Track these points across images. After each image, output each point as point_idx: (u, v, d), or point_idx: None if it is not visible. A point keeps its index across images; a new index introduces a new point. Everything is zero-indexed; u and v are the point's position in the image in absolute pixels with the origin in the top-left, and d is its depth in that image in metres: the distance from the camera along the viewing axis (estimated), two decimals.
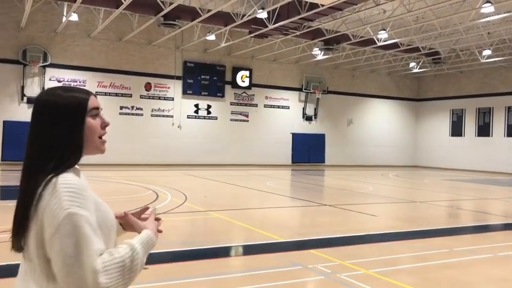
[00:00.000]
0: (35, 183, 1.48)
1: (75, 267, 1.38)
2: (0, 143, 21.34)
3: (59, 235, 1.40)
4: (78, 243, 1.39)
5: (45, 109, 1.57)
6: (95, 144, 1.62)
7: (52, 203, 1.42)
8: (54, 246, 1.41)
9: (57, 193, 1.43)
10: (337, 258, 6.36)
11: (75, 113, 1.57)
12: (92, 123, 1.60)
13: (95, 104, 1.62)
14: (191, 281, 5.34)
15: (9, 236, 1.58)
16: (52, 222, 1.41)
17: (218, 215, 9.80)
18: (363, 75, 31.39)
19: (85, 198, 1.46)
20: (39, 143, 1.54)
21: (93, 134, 1.61)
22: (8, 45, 21.44)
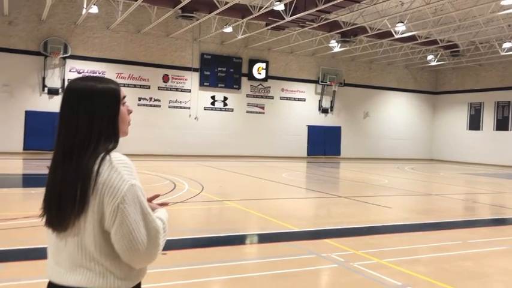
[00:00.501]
0: (88, 163, 1.61)
1: (142, 230, 1.58)
2: (23, 132, 21.82)
3: (125, 204, 1.57)
4: (142, 209, 1.60)
5: (85, 97, 1.68)
6: (123, 129, 1.79)
7: (113, 176, 1.59)
8: (118, 216, 1.57)
9: (115, 168, 1.60)
10: (351, 247, 6.49)
11: (114, 101, 1.73)
12: (124, 111, 1.79)
13: (124, 93, 1.81)
14: (208, 266, 5.53)
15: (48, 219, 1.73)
16: (116, 194, 1.57)
17: (234, 204, 9.99)
18: (379, 68, 31.21)
19: (135, 173, 1.64)
20: (82, 130, 1.65)
21: (124, 121, 1.79)
22: (30, 37, 21.87)
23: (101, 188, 1.59)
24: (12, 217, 7.67)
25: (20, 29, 21.74)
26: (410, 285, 4.98)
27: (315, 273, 5.54)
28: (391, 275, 5.28)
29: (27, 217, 7.60)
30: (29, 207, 8.94)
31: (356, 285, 5.04)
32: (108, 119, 1.70)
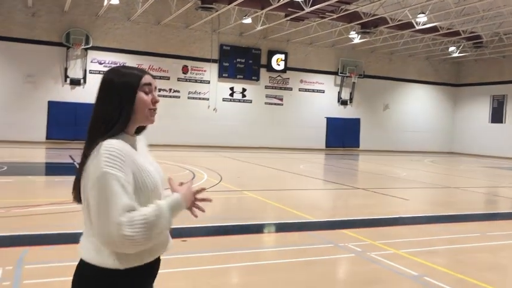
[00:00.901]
0: (89, 147, 1.77)
1: (103, 217, 1.65)
2: (46, 122, 22.27)
3: (95, 188, 1.68)
4: (108, 198, 1.64)
5: (104, 84, 1.86)
6: (144, 114, 1.84)
7: (94, 162, 1.71)
8: (91, 197, 1.70)
9: (99, 155, 1.70)
10: (368, 238, 6.52)
11: (126, 88, 1.81)
12: (143, 97, 1.83)
13: (148, 80, 1.86)
14: (226, 253, 5.64)
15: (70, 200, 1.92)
16: (91, 177, 1.70)
17: (252, 194, 10.09)
18: (400, 60, 30.84)
19: (121, 161, 1.69)
20: (95, 114, 1.83)
21: (142, 107, 1.83)
22: (53, 28, 22.24)
23: (87, 169, 1.74)
24: (37, 204, 7.91)
25: (43, 21, 22.11)
26: (427, 276, 5.00)
27: (332, 262, 5.60)
28: (408, 266, 5.30)
29: (51, 204, 7.83)
30: (52, 195, 9.20)
31: (373, 275, 5.09)
32: (118, 103, 1.80)
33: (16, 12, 21.65)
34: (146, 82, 1.85)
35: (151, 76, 1.91)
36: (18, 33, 21.67)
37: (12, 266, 4.65)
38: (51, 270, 4.64)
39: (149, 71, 1.94)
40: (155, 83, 1.91)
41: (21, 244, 5.52)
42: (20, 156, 15.66)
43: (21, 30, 21.72)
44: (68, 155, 16.74)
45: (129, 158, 1.74)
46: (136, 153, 1.83)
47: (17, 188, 9.77)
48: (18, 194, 9.04)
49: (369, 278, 5.00)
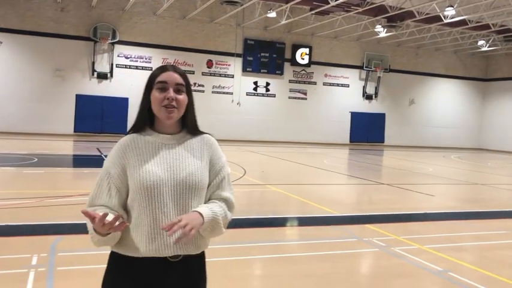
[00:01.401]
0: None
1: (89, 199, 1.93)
2: (73, 115, 22.77)
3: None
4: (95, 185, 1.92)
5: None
6: (157, 111, 1.88)
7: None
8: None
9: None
10: (393, 233, 6.51)
11: (146, 86, 1.92)
12: (155, 94, 1.87)
13: (163, 78, 1.87)
14: (250, 245, 5.72)
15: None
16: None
17: (276, 188, 10.16)
18: (427, 54, 30.32)
19: (116, 154, 1.88)
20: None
21: (155, 105, 1.87)
22: (81, 23, 22.67)
23: None
24: (67, 194, 8.15)
25: (71, 16, 22.56)
26: (452, 271, 4.99)
27: (356, 256, 5.63)
28: (432, 261, 5.29)
29: (81, 195, 8.07)
30: (82, 186, 9.46)
31: (397, 269, 5.10)
32: (141, 103, 1.93)
33: (45, 7, 22.15)
34: (161, 80, 1.87)
35: (179, 73, 1.91)
36: (47, 28, 22.17)
37: (47, 253, 4.84)
38: (83, 258, 4.81)
39: (178, 68, 1.95)
40: (176, 80, 1.88)
41: (54, 233, 5.72)
42: (49, 149, 16.08)
43: (50, 25, 22.22)
44: (96, 148, 17.12)
45: (128, 154, 1.86)
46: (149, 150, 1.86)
47: (47, 179, 10.07)
48: (49, 185, 9.33)
49: (392, 272, 5.02)
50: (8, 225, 5.96)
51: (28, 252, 4.85)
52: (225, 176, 1.99)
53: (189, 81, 1.96)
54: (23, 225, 6.03)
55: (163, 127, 1.91)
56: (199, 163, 1.90)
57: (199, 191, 1.87)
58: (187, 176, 1.84)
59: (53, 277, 4.22)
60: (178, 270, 1.84)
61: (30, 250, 4.92)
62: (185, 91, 1.92)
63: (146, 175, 1.81)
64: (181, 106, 1.89)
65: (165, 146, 1.89)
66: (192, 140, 1.96)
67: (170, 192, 1.82)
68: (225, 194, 1.96)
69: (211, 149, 1.99)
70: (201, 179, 1.88)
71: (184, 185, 1.84)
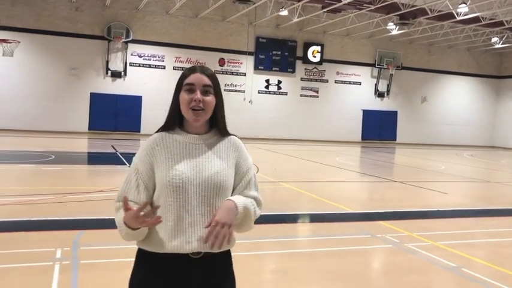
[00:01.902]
0: None
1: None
2: (88, 113, 23.08)
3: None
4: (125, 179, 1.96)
5: None
6: (185, 114, 1.92)
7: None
8: None
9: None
10: (406, 230, 6.59)
11: (176, 87, 1.96)
12: (183, 95, 1.91)
13: (190, 80, 1.90)
14: (265, 241, 5.84)
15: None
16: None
17: (289, 186, 10.26)
18: (439, 51, 30.16)
19: (145, 151, 1.93)
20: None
21: (183, 106, 1.91)
22: (95, 22, 22.97)
23: None
24: (86, 191, 8.35)
25: (86, 15, 22.85)
26: (465, 267, 5.06)
27: (369, 252, 5.72)
28: (445, 257, 5.37)
29: (98, 191, 8.26)
30: (99, 182, 9.66)
31: (410, 265, 5.19)
32: (171, 103, 1.98)
33: (60, 7, 22.46)
34: (189, 82, 1.90)
35: (207, 75, 1.93)
36: (62, 27, 22.50)
37: (69, 247, 5.01)
38: (105, 252, 4.98)
39: (206, 69, 1.95)
40: (203, 82, 1.91)
41: (75, 228, 5.90)
42: (65, 146, 16.35)
43: (65, 24, 22.54)
44: (110, 145, 17.37)
45: (156, 151, 1.90)
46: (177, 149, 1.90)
47: (66, 176, 10.29)
48: (68, 182, 9.54)
49: (406, 267, 5.11)
50: (31, 220, 6.15)
51: (52, 246, 5.03)
52: (252, 176, 2.02)
53: (218, 82, 1.98)
54: (46, 220, 6.22)
55: (192, 127, 1.95)
56: (225, 164, 1.94)
57: (224, 191, 1.91)
58: (212, 176, 1.88)
59: (77, 269, 4.38)
60: (200, 267, 1.86)
61: (54, 244, 5.09)
62: (213, 92, 1.93)
63: (173, 173, 1.85)
64: (208, 108, 1.91)
65: (193, 145, 1.93)
66: (219, 140, 1.98)
67: (195, 190, 1.86)
68: (253, 193, 2.00)
69: (238, 151, 2.01)
70: (225, 179, 1.91)
71: (208, 184, 1.87)
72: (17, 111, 21.77)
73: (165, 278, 1.85)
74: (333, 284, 4.48)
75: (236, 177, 1.98)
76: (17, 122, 21.63)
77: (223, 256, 1.94)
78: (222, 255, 1.93)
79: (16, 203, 7.09)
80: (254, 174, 2.05)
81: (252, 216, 1.97)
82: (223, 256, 1.94)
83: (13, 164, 11.49)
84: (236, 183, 1.98)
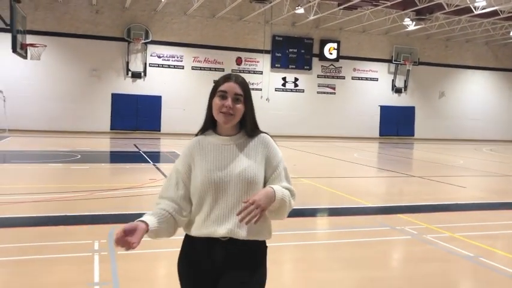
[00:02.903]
0: None
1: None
2: (109, 113, 23.64)
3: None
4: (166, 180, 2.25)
5: None
6: (216, 117, 2.16)
7: None
8: None
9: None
10: (424, 222, 6.79)
11: (210, 94, 2.19)
12: (215, 101, 2.15)
13: (223, 88, 2.14)
14: (287, 233, 6.10)
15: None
16: None
17: (308, 181, 10.51)
18: (457, 45, 29.97)
19: (185, 153, 2.20)
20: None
21: (215, 110, 2.15)
22: (115, 24, 23.48)
23: None
24: (114, 188, 8.73)
25: (106, 17, 23.38)
26: (482, 257, 5.26)
27: (388, 243, 5.95)
28: (463, 247, 5.57)
29: (126, 188, 8.63)
30: (125, 180, 10.05)
31: (428, 254, 5.41)
32: (207, 108, 2.22)
33: (81, 10, 23.02)
34: (222, 89, 2.14)
35: (238, 84, 2.16)
36: (84, 29, 23.07)
37: (105, 239, 5.36)
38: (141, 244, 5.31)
39: (239, 78, 2.18)
40: (235, 91, 2.13)
41: (108, 222, 6.25)
42: (90, 146, 16.84)
43: (86, 26, 23.10)
44: (133, 144, 17.82)
45: (194, 154, 2.17)
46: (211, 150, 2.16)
47: (93, 174, 10.72)
48: (96, 179, 9.96)
49: (424, 256, 5.33)
50: (67, 215, 6.54)
51: (89, 238, 5.39)
52: (282, 170, 2.21)
53: (249, 90, 2.21)
54: (81, 215, 6.61)
55: (223, 130, 2.19)
56: (252, 160, 2.15)
57: (253, 185, 2.11)
58: (241, 172, 2.11)
59: (115, 260, 4.72)
60: (225, 252, 2.09)
61: (91, 237, 5.45)
62: (243, 101, 2.16)
63: (206, 172, 2.12)
64: (237, 114, 2.13)
65: (224, 146, 2.17)
66: (247, 141, 2.20)
67: (226, 186, 2.10)
68: (286, 185, 2.18)
69: (267, 147, 2.21)
70: (253, 175, 2.11)
71: (239, 179, 2.10)
72: (42, 112, 22.42)
73: (199, 254, 2.14)
74: (353, 272, 4.73)
75: (268, 170, 2.18)
76: (42, 123, 22.29)
77: (251, 247, 2.13)
78: (248, 245, 2.12)
79: (53, 199, 7.50)
80: (285, 167, 2.23)
81: (287, 207, 2.17)
82: (251, 247, 2.13)
83: (44, 164, 11.99)
84: (268, 176, 2.18)
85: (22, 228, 5.91)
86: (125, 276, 4.27)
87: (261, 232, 2.16)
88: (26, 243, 5.26)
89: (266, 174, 2.18)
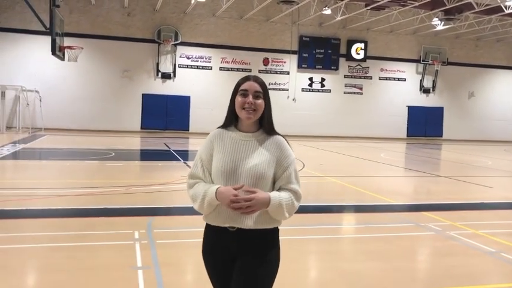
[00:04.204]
0: None
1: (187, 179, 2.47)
2: (140, 113, 24.33)
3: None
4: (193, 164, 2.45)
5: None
6: (239, 113, 2.35)
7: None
8: None
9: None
10: (448, 219, 6.96)
11: (233, 92, 2.39)
12: (238, 99, 2.34)
13: (244, 87, 2.34)
14: (315, 227, 6.38)
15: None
16: None
17: (335, 180, 10.74)
18: (487, 45, 29.53)
19: (207, 143, 2.40)
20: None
21: (237, 107, 2.34)
22: (146, 26, 24.15)
23: None
24: (149, 183, 9.18)
25: (137, 20, 24.07)
26: (504, 252, 5.42)
27: (413, 238, 6.16)
28: (485, 243, 5.74)
29: (161, 184, 9.07)
30: (159, 176, 10.50)
31: (451, 249, 5.61)
32: (229, 105, 2.41)
33: (114, 13, 23.77)
34: (243, 88, 2.34)
35: (258, 83, 2.35)
36: (116, 31, 23.81)
37: (144, 230, 5.76)
38: (175, 234, 5.70)
39: (258, 78, 2.38)
40: (255, 89, 2.33)
41: (145, 214, 6.67)
42: (122, 144, 17.46)
43: (118, 29, 23.84)
44: (163, 143, 18.37)
45: (214, 144, 2.36)
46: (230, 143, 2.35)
47: (128, 171, 11.23)
48: (131, 176, 10.45)
49: (446, 251, 5.53)
50: (107, 207, 6.99)
51: (130, 229, 5.80)
52: (292, 171, 2.36)
53: (267, 88, 2.40)
54: (120, 208, 7.05)
55: (244, 126, 2.37)
56: (264, 158, 2.31)
57: (262, 180, 2.29)
58: (252, 167, 2.28)
59: (154, 247, 5.10)
60: (236, 240, 2.28)
61: (131, 227, 5.86)
62: (262, 97, 2.35)
63: (224, 162, 2.30)
64: (258, 109, 2.33)
65: (243, 141, 2.35)
66: (265, 138, 2.37)
67: (240, 178, 2.27)
68: (293, 186, 2.34)
69: (279, 148, 2.36)
70: (263, 171, 2.29)
71: (249, 173, 2.28)
72: (75, 111, 23.27)
73: (211, 243, 2.37)
74: (378, 264, 4.98)
75: (278, 170, 2.34)
76: (76, 122, 23.14)
77: (261, 235, 2.30)
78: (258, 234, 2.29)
79: (93, 193, 7.99)
80: (295, 169, 2.39)
81: (284, 210, 2.30)
82: (261, 235, 2.30)
83: (81, 161, 12.59)
84: (278, 175, 2.34)
85: (68, 219, 6.37)
86: (164, 262, 4.64)
87: (268, 221, 2.31)
88: (72, 231, 5.71)
89: (276, 173, 2.34)
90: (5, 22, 22.53)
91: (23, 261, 4.65)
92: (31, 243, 5.19)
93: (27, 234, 5.56)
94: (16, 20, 22.53)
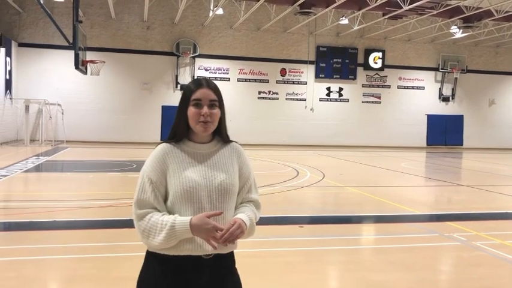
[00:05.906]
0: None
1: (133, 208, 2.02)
2: (160, 125, 24.61)
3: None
4: (136, 192, 2.01)
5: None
6: (193, 127, 2.02)
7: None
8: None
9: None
10: (473, 229, 6.88)
11: (181, 101, 2.06)
12: (190, 111, 2.01)
13: (197, 96, 2.01)
14: (338, 238, 6.38)
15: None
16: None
17: (355, 190, 10.70)
18: (507, 52, 29.17)
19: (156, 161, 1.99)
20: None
21: (191, 120, 2.02)
22: (165, 39, 24.53)
23: None
24: None
25: (156, 33, 24.46)
26: None
27: (438, 248, 6.11)
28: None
29: None
30: None
31: (477, 259, 5.54)
32: (177, 115, 2.08)
33: (133, 26, 24.21)
34: (195, 98, 2.01)
35: (211, 89, 2.05)
36: (136, 45, 24.22)
37: None
38: None
39: (211, 83, 2.08)
40: (209, 97, 2.02)
41: None
42: (143, 156, 17.60)
43: (138, 42, 24.26)
44: None
45: (168, 161, 1.99)
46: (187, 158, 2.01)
47: None
48: None
49: (472, 261, 5.47)
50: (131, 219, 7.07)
51: None
52: (252, 181, 2.16)
53: (221, 94, 2.10)
54: None
55: (197, 137, 2.06)
56: (231, 170, 2.06)
57: (231, 196, 2.04)
58: (221, 182, 2.00)
59: None
60: (209, 267, 1.97)
61: None
62: (218, 105, 2.06)
63: (186, 181, 1.96)
64: (215, 120, 2.04)
65: (200, 154, 2.05)
66: (222, 148, 2.11)
67: (207, 196, 1.97)
68: (254, 196, 2.14)
69: (240, 157, 2.14)
70: (232, 185, 2.04)
71: (218, 190, 2.00)
72: (97, 124, 23.67)
73: (175, 278, 1.95)
74: (403, 275, 4.95)
75: (240, 180, 2.10)
76: (97, 134, 23.51)
77: (229, 257, 2.06)
78: (227, 256, 2.04)
79: (116, 205, 8.13)
80: (254, 178, 2.18)
81: (255, 227, 2.09)
82: (229, 257, 2.06)
83: (105, 173, 12.79)
84: (240, 187, 2.11)
85: (94, 230, 6.50)
86: None
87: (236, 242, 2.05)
88: (99, 242, 5.82)
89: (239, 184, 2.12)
90: (29, 38, 23.13)
91: (54, 272, 4.76)
92: (60, 255, 5.31)
93: (56, 245, 5.69)
94: (40, 35, 23.12)
